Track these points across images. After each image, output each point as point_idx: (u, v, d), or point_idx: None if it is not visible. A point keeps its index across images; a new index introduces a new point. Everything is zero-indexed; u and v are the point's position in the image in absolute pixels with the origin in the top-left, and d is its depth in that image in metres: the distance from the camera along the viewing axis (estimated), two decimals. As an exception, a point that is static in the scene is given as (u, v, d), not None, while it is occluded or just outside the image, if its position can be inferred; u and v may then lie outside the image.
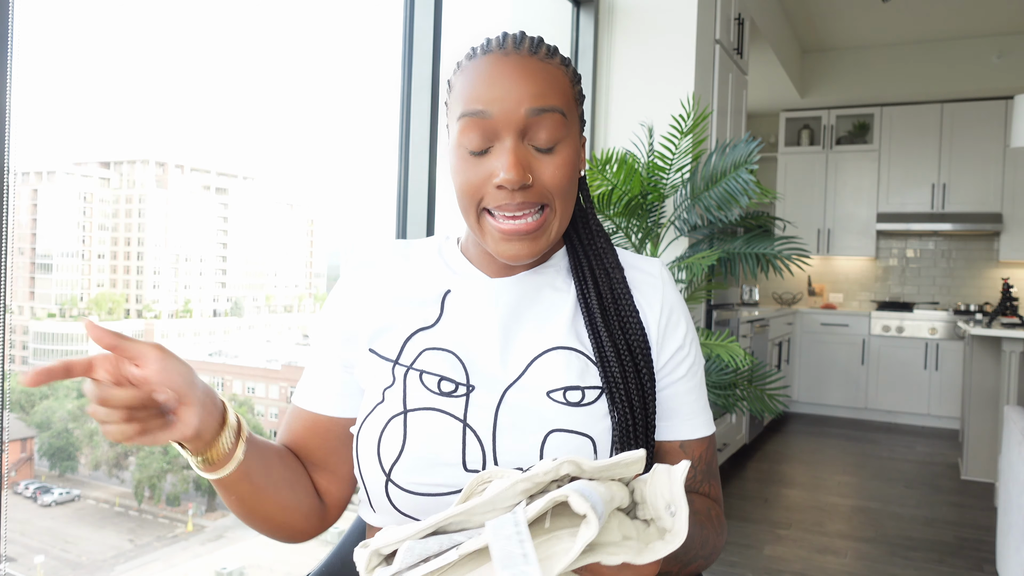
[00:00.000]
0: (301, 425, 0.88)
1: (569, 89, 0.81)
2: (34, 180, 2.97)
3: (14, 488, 3.02)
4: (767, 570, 2.89)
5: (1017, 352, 3.92)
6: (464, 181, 0.78)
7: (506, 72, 0.77)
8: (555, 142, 0.78)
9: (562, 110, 0.78)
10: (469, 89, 0.78)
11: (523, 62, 0.78)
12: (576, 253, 0.88)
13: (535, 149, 0.78)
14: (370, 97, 3.07)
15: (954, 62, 5.73)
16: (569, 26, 3.30)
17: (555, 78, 0.79)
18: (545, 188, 0.78)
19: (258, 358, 3.88)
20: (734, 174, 2.58)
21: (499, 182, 0.75)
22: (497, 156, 0.77)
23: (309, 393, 0.88)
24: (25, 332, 3.17)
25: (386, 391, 0.80)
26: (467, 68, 0.80)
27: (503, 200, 0.77)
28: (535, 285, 0.86)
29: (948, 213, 6.00)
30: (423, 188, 2.31)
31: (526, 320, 0.83)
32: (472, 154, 0.78)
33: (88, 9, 2.65)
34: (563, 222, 0.81)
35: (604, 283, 0.85)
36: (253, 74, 3.37)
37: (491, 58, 0.79)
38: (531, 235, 0.78)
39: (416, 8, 2.30)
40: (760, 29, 4.43)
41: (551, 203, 0.79)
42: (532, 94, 0.76)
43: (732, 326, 3.98)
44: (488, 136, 0.77)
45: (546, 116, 0.77)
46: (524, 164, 0.76)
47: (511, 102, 0.76)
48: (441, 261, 0.88)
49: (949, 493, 3.99)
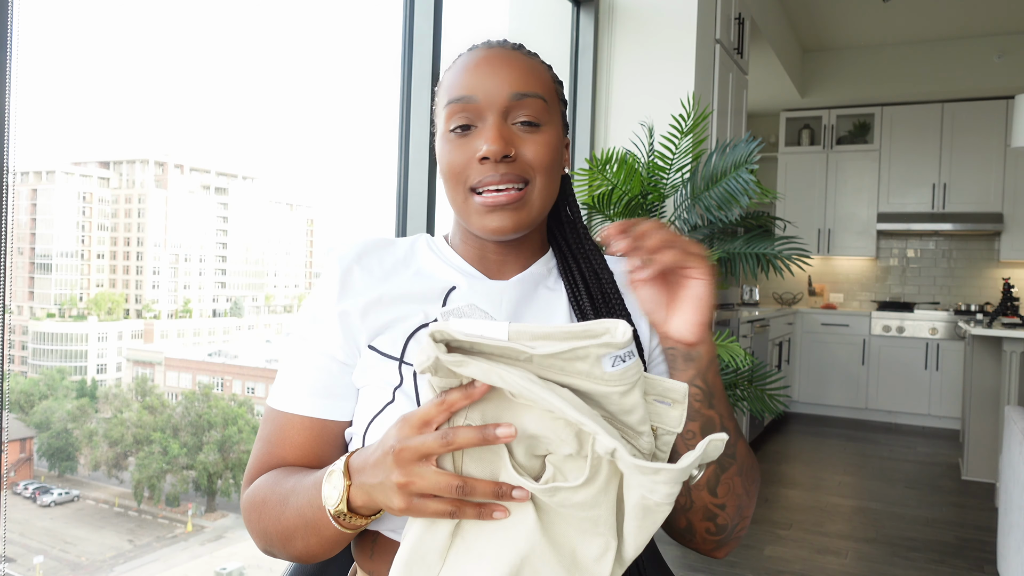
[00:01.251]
0: (304, 437, 0.82)
1: (551, 84, 0.85)
2: (34, 180, 2.96)
3: (13, 488, 3.01)
4: (767, 570, 2.88)
5: (1018, 352, 3.92)
6: (449, 162, 0.81)
7: (491, 60, 0.82)
8: (540, 121, 0.82)
9: (544, 97, 0.82)
10: (454, 79, 0.83)
11: (507, 53, 0.83)
12: (565, 257, 0.90)
13: (518, 128, 0.81)
14: (370, 97, 3.07)
15: (954, 62, 5.73)
16: (569, 26, 3.30)
17: (537, 70, 0.84)
18: (527, 163, 0.80)
19: (258, 358, 3.87)
20: (734, 174, 2.57)
21: (482, 153, 0.78)
22: (480, 133, 0.80)
23: (312, 397, 0.81)
24: (25, 332, 3.16)
25: (396, 391, 0.78)
26: (452, 66, 0.85)
27: (487, 173, 0.79)
28: (531, 285, 0.87)
29: (948, 213, 6.00)
30: (423, 188, 2.30)
31: (526, 319, 0.85)
32: (457, 136, 0.81)
33: (88, 9, 2.65)
34: (544, 201, 0.83)
35: (594, 285, 0.87)
36: (253, 74, 3.37)
37: (476, 51, 0.84)
38: (512, 206, 0.80)
39: (416, 8, 2.30)
40: (760, 29, 4.43)
41: (532, 179, 0.81)
42: (515, 79, 0.81)
43: (732, 326, 3.98)
44: (472, 118, 0.80)
45: (528, 100, 0.81)
46: (506, 137, 0.79)
47: (495, 86, 0.80)
48: (439, 258, 0.88)
49: (950, 493, 3.99)
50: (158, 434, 3.48)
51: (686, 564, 2.90)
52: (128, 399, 3.65)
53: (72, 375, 3.31)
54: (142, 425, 3.51)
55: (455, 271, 0.86)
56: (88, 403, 3.42)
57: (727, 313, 3.95)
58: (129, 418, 3.50)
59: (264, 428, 0.83)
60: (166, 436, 3.51)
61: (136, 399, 3.60)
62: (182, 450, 3.52)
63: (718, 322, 3.79)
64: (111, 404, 3.60)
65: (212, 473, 3.60)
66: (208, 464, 3.59)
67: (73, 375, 3.31)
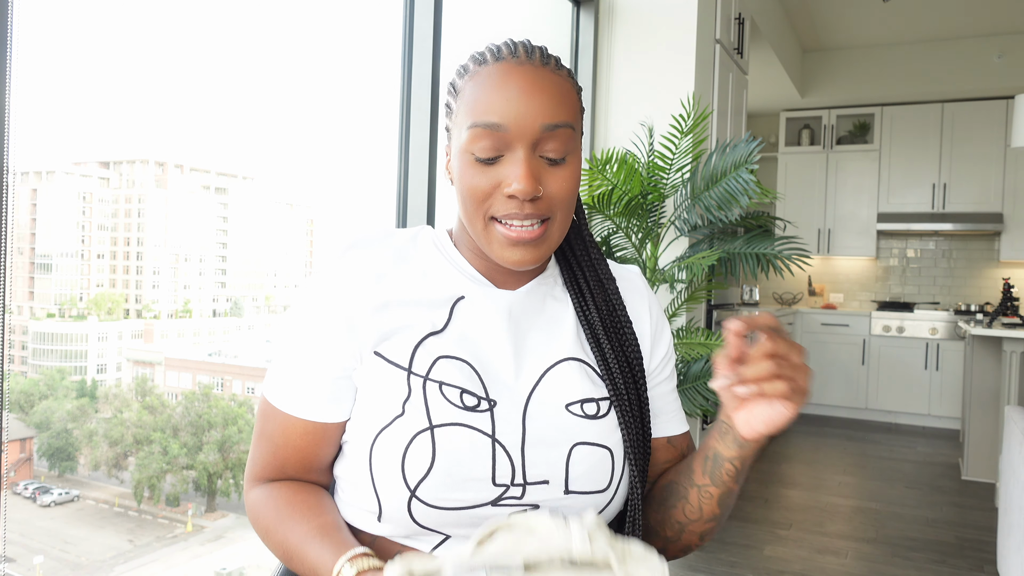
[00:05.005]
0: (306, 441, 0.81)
1: (577, 102, 0.82)
2: (34, 180, 2.96)
3: (13, 488, 3.02)
4: (767, 570, 2.88)
5: (1018, 352, 3.92)
6: (472, 186, 0.78)
7: (522, 85, 0.76)
8: (565, 154, 0.78)
9: (573, 125, 0.78)
10: (482, 98, 0.77)
11: (537, 74, 0.77)
12: (570, 264, 0.89)
13: (545, 161, 0.78)
14: (370, 97, 3.07)
15: (954, 62, 5.73)
16: (569, 26, 3.30)
17: (566, 92, 0.79)
18: (552, 200, 0.78)
19: (258, 358, 3.87)
20: (734, 174, 2.57)
21: (511, 192, 0.75)
22: (509, 165, 0.76)
23: (316, 402, 0.80)
24: (24, 332, 3.17)
25: (406, 403, 0.77)
26: (477, 75, 0.79)
27: (512, 210, 0.76)
28: (539, 296, 0.86)
29: (949, 213, 6.00)
30: (423, 188, 2.30)
31: (535, 331, 0.84)
32: (481, 162, 0.77)
33: (88, 9, 2.65)
34: (562, 232, 0.81)
35: (600, 295, 0.87)
36: (253, 74, 3.37)
37: (504, 67, 0.77)
38: (534, 242, 0.78)
39: (416, 8, 2.30)
40: (760, 29, 4.43)
41: (554, 216, 0.79)
42: (547, 110, 0.76)
43: (732, 326, 3.98)
44: (500, 147, 0.76)
45: (559, 131, 0.77)
46: (536, 176, 0.76)
47: (527, 117, 0.75)
48: (446, 259, 0.85)
49: (950, 493, 3.99)
50: (158, 434, 3.48)
51: (686, 564, 2.90)
52: (128, 399, 3.65)
53: (72, 375, 3.32)
54: (142, 425, 3.51)
55: (462, 276, 0.84)
56: (88, 403, 3.43)
57: (727, 313, 3.96)
58: (129, 418, 3.51)
59: (265, 424, 0.82)
60: (166, 436, 3.52)
61: (136, 399, 3.60)
62: (182, 450, 3.53)
63: (718, 322, 3.79)
64: (111, 404, 3.60)
65: (212, 473, 3.61)
66: (208, 464, 3.60)
67: (73, 375, 3.32)
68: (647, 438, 0.84)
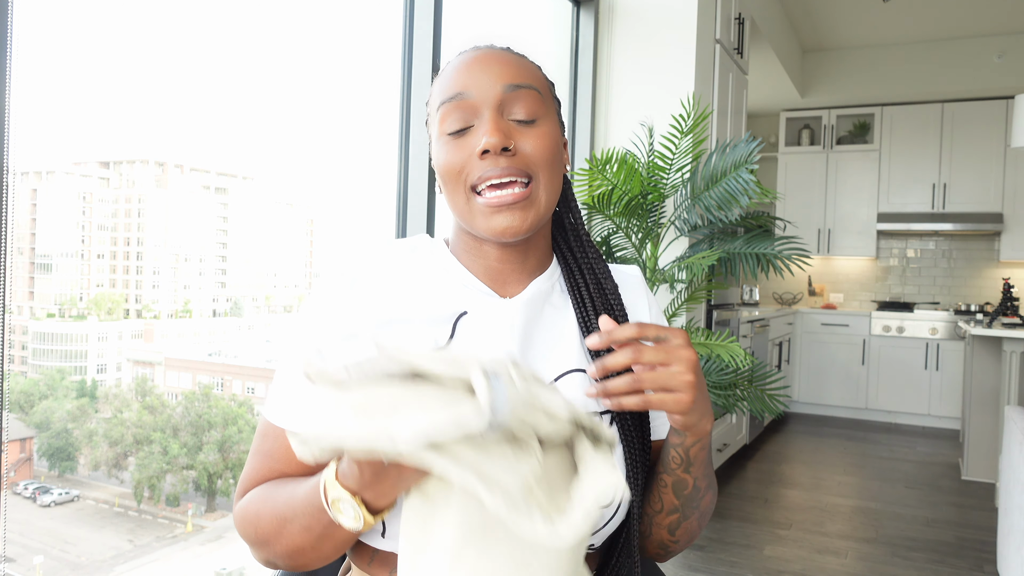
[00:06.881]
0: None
1: (544, 79, 0.85)
2: (34, 180, 2.96)
3: (13, 488, 3.02)
4: (767, 570, 2.88)
5: (1018, 352, 3.92)
6: (447, 161, 0.79)
7: (480, 58, 0.81)
8: (534, 116, 0.80)
9: (538, 88, 0.81)
10: (444, 80, 0.82)
11: (496, 51, 0.82)
12: (570, 267, 0.88)
13: (516, 123, 0.79)
14: (370, 97, 3.07)
15: (954, 62, 5.73)
16: (569, 26, 3.30)
17: (529, 66, 0.83)
18: (528, 158, 0.78)
19: (258, 358, 3.87)
20: (734, 174, 2.58)
21: (481, 147, 0.76)
22: (477, 129, 0.79)
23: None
24: (24, 332, 3.16)
25: None
26: (442, 73, 0.84)
27: (487, 168, 0.77)
28: (538, 306, 0.85)
29: (948, 213, 6.00)
30: (423, 188, 2.30)
31: (537, 344, 0.83)
32: (453, 136, 0.79)
33: (88, 9, 2.65)
34: (550, 198, 0.81)
35: (599, 300, 0.86)
36: (253, 74, 3.37)
37: (464, 54, 0.83)
38: (519, 205, 0.78)
39: (416, 8, 2.30)
40: (760, 29, 4.43)
41: (535, 175, 0.79)
42: (507, 72, 0.80)
43: (732, 326, 3.98)
44: (467, 116, 0.79)
45: (523, 92, 0.79)
46: (504, 130, 0.77)
47: (487, 81, 0.79)
48: (446, 272, 0.84)
49: (950, 493, 3.99)
50: (158, 434, 3.48)
51: (686, 564, 2.90)
52: (128, 399, 3.65)
53: (72, 375, 3.32)
54: (142, 425, 3.51)
55: (463, 287, 0.83)
56: (88, 403, 3.43)
57: (727, 313, 3.95)
58: (129, 418, 3.51)
59: (263, 443, 0.81)
60: (166, 436, 3.52)
61: (136, 399, 3.60)
62: (182, 450, 3.53)
63: (718, 322, 3.79)
64: (111, 404, 3.60)
65: (212, 473, 3.61)
66: (208, 464, 3.60)
67: (73, 375, 3.32)
68: (646, 451, 0.83)
